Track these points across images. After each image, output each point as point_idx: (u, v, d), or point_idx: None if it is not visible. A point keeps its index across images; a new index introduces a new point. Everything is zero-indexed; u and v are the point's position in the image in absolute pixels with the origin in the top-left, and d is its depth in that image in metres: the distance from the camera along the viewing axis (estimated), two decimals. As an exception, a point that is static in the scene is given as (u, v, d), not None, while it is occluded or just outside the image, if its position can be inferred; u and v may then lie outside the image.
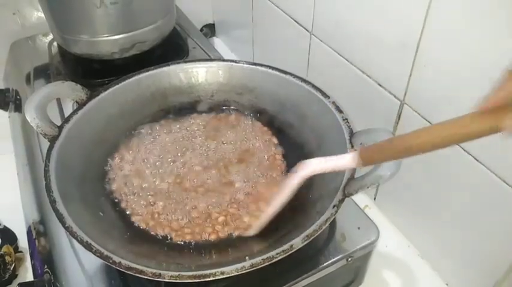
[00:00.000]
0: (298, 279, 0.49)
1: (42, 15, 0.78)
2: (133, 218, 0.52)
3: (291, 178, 0.44)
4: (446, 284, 0.62)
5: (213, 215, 0.52)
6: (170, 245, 0.50)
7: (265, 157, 0.59)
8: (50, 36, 0.89)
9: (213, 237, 0.50)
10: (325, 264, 0.50)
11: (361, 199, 0.71)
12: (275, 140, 0.61)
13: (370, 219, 0.55)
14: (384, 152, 0.38)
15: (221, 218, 0.52)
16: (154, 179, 0.56)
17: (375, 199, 0.73)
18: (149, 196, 0.54)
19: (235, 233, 0.50)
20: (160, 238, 0.50)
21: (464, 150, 0.51)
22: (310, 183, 0.53)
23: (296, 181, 0.44)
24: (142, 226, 0.51)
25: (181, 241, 0.50)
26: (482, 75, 0.46)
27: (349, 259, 0.51)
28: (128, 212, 0.53)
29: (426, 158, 0.58)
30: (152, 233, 0.51)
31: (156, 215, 0.52)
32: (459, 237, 0.58)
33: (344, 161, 0.40)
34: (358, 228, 0.54)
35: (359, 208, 0.56)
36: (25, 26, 0.93)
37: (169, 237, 0.50)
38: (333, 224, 0.54)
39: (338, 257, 0.51)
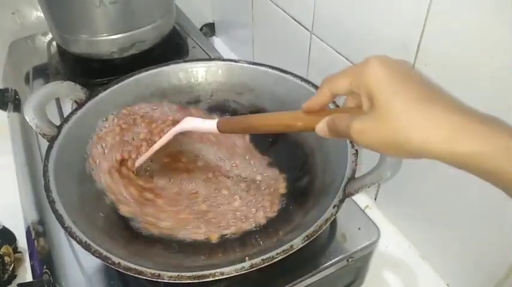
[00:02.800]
0: (299, 280, 0.48)
1: (42, 14, 0.78)
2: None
3: (171, 130, 0.51)
4: (447, 285, 0.62)
5: (209, 215, 0.52)
6: (169, 246, 0.49)
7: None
8: (49, 36, 0.89)
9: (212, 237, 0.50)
10: (325, 265, 0.50)
11: (361, 199, 0.71)
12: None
13: (370, 219, 0.55)
14: (236, 125, 0.45)
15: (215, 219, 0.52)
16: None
17: (375, 199, 0.72)
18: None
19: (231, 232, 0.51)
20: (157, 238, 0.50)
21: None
22: (310, 183, 0.53)
23: (173, 132, 0.51)
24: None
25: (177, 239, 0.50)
26: (483, 75, 0.46)
27: (350, 260, 0.51)
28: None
29: (427, 159, 0.58)
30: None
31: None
32: (460, 238, 0.58)
33: (207, 125, 0.46)
34: (359, 228, 0.53)
35: (360, 209, 0.56)
36: (24, 25, 0.93)
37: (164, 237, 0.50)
38: (333, 225, 0.54)
39: (339, 257, 0.50)
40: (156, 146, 0.53)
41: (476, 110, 0.27)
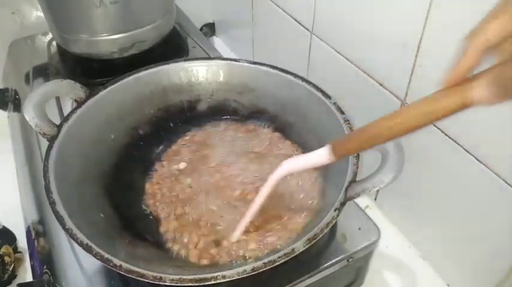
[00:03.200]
0: (299, 280, 0.48)
1: (42, 14, 0.78)
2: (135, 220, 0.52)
3: (268, 180, 0.43)
4: (448, 285, 0.62)
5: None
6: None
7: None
8: (49, 36, 0.89)
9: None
10: (325, 265, 0.50)
11: (362, 199, 0.71)
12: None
13: (371, 220, 0.55)
14: (356, 141, 0.36)
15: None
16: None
17: (375, 199, 0.72)
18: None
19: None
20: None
21: (466, 150, 0.51)
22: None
23: (272, 182, 0.43)
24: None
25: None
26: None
27: (350, 260, 0.51)
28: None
29: (427, 159, 0.58)
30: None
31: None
32: (460, 238, 0.58)
33: (317, 157, 0.38)
34: (359, 229, 0.53)
35: (360, 209, 0.56)
36: (24, 25, 0.93)
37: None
38: (333, 225, 0.53)
39: (339, 258, 0.50)
40: (255, 207, 0.45)
41: None
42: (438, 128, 0.54)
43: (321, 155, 0.37)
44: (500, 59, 0.26)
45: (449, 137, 0.53)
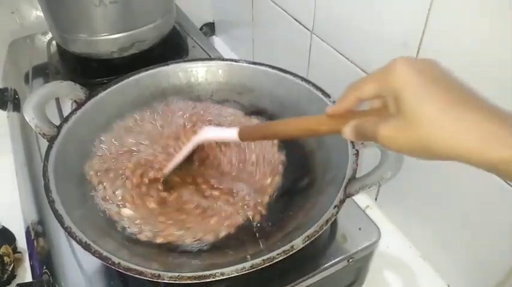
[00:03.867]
0: (299, 280, 0.48)
1: (41, 14, 0.78)
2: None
3: (191, 140, 0.51)
4: (448, 285, 0.62)
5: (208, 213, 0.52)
6: (169, 246, 0.49)
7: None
8: (49, 35, 0.89)
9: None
10: (326, 265, 0.50)
11: (362, 199, 0.71)
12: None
13: (371, 220, 0.55)
14: (257, 132, 0.45)
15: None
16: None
17: (376, 199, 0.72)
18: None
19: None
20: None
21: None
22: (311, 183, 0.53)
23: (194, 142, 0.51)
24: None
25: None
26: (484, 74, 0.45)
27: (350, 260, 0.51)
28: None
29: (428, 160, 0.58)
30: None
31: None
32: (461, 238, 0.58)
33: (228, 133, 0.46)
34: (359, 229, 0.53)
35: (360, 209, 0.56)
36: (24, 25, 0.93)
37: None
38: (334, 225, 0.54)
39: (339, 258, 0.50)
40: (178, 157, 0.53)
41: (504, 111, 0.26)
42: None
43: (231, 133, 0.45)
44: (372, 106, 0.34)
45: (450, 137, 0.53)
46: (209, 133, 0.49)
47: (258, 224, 0.50)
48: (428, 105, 0.27)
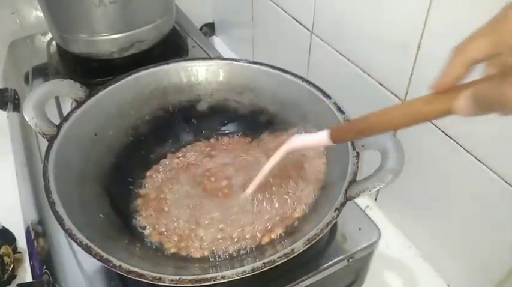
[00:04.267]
0: (299, 280, 0.48)
1: (41, 14, 0.78)
2: (134, 221, 0.52)
3: (278, 150, 0.48)
4: (448, 285, 0.62)
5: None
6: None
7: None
8: (49, 36, 0.89)
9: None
10: (326, 265, 0.50)
11: (362, 199, 0.71)
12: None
13: (371, 220, 0.55)
14: (352, 130, 0.41)
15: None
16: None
17: (376, 199, 0.72)
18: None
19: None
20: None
21: (466, 150, 0.51)
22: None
23: (282, 153, 0.47)
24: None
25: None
26: (483, 74, 0.45)
27: (350, 260, 0.51)
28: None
29: (427, 159, 0.58)
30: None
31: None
32: (461, 238, 0.58)
33: (318, 138, 0.43)
34: (359, 229, 0.53)
35: (360, 209, 0.56)
36: (24, 25, 0.93)
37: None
38: (333, 225, 0.53)
39: (339, 258, 0.50)
40: (265, 170, 0.50)
41: None
42: (438, 128, 0.54)
43: (322, 137, 0.42)
44: (487, 74, 0.28)
45: (450, 137, 0.53)
46: (298, 142, 0.45)
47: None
48: None
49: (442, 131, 0.53)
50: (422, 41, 0.52)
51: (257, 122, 0.63)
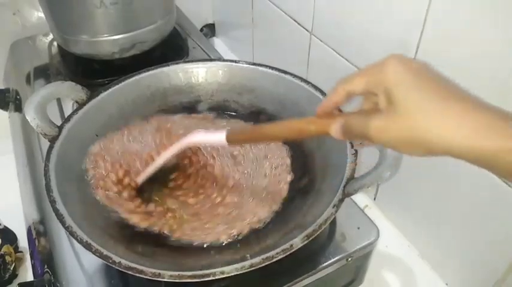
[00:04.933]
0: (298, 279, 0.49)
1: (42, 15, 0.78)
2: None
3: (177, 142, 0.50)
4: (446, 284, 0.62)
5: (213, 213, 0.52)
6: (170, 245, 0.50)
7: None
8: (50, 36, 0.90)
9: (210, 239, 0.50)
10: (325, 264, 0.50)
11: (361, 199, 0.71)
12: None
13: (370, 219, 0.55)
14: (246, 135, 0.44)
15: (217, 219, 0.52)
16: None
17: (374, 199, 0.73)
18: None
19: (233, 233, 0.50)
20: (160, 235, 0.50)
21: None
22: (310, 183, 0.54)
23: (180, 146, 0.49)
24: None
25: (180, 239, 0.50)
26: (483, 75, 0.46)
27: (349, 259, 0.51)
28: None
29: (426, 158, 0.58)
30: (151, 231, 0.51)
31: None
32: (459, 237, 0.58)
33: (215, 137, 0.45)
34: (358, 228, 0.54)
35: (359, 208, 0.56)
36: (25, 26, 0.93)
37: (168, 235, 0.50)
38: (332, 224, 0.54)
39: (338, 257, 0.51)
40: (160, 161, 0.52)
41: (497, 107, 0.26)
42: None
43: (219, 137, 0.44)
44: (363, 107, 0.34)
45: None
46: (195, 138, 0.48)
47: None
48: (418, 98, 0.27)
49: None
50: (421, 41, 0.52)
51: (257, 122, 0.64)
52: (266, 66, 0.61)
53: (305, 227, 0.43)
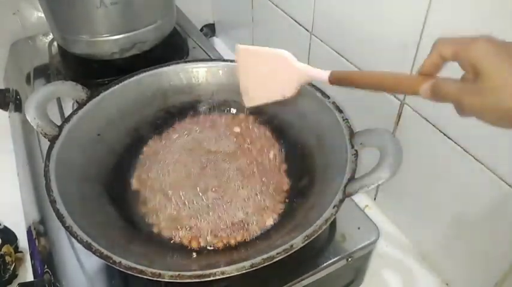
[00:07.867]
0: (299, 279, 0.49)
1: (42, 15, 0.78)
2: (134, 218, 0.52)
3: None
4: (446, 285, 0.62)
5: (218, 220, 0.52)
6: (170, 245, 0.50)
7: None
8: (50, 36, 0.90)
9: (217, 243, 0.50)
10: (325, 264, 0.50)
11: (361, 199, 0.71)
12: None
13: (370, 219, 0.55)
14: (349, 77, 0.45)
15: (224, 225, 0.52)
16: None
17: (375, 199, 0.73)
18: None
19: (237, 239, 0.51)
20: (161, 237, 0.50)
21: (465, 150, 0.51)
22: (310, 183, 0.54)
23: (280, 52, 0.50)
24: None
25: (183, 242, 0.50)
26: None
27: (349, 259, 0.51)
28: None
29: (427, 159, 0.58)
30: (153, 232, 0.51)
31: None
32: (459, 237, 0.58)
33: (321, 73, 0.47)
34: (358, 228, 0.54)
35: (359, 208, 0.56)
36: (25, 26, 0.93)
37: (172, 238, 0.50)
38: (333, 225, 0.54)
39: (338, 257, 0.51)
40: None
41: None
42: (438, 129, 0.54)
43: (323, 74, 0.46)
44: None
45: (449, 138, 0.53)
46: (300, 65, 0.49)
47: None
48: (507, 71, 0.28)
49: (441, 131, 0.54)
50: (422, 41, 0.52)
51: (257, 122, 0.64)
52: (266, 66, 0.61)
53: (305, 227, 0.43)
